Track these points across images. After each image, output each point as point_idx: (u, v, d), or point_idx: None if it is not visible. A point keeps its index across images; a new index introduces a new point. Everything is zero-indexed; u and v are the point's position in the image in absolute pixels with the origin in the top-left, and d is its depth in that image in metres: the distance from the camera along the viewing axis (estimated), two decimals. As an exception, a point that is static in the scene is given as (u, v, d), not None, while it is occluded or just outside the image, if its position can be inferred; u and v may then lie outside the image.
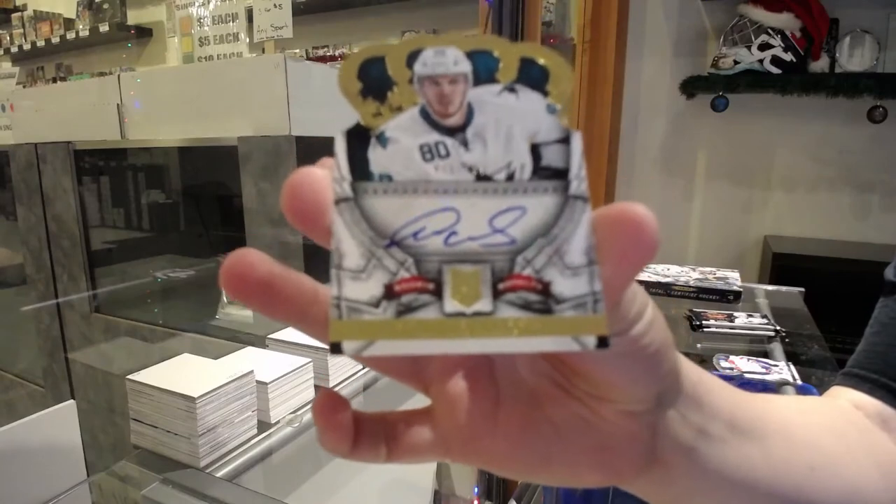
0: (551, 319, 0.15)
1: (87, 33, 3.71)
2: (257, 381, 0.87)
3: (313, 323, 0.17)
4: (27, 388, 2.02)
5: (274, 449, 0.87)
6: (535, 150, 0.16)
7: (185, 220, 2.00)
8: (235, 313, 1.53)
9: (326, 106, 1.36)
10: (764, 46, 1.95)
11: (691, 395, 0.22)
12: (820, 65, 1.93)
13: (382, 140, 0.16)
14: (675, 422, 0.21)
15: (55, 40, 3.91)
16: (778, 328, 1.09)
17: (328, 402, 0.18)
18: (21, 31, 4.12)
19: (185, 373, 0.86)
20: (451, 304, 0.15)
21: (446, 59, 0.16)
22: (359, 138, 0.16)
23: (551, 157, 0.16)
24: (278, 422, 0.90)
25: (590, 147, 2.18)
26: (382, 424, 0.20)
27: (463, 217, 0.16)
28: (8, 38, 4.23)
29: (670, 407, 0.21)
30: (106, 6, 3.68)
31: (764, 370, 0.88)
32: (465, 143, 0.16)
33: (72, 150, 1.72)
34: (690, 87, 2.08)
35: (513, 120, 0.16)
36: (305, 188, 0.16)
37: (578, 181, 0.16)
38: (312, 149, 1.31)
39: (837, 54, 1.93)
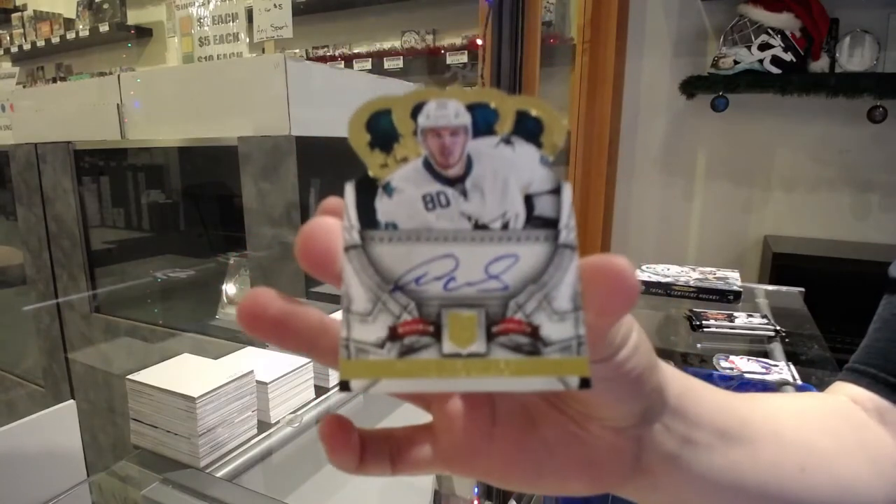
0: (539, 361, 0.16)
1: (87, 33, 3.70)
2: (257, 381, 0.87)
3: (322, 353, 0.18)
4: (27, 388, 2.02)
5: (274, 449, 0.87)
6: (529, 200, 0.17)
7: (185, 220, 2.00)
8: (235, 313, 1.53)
9: (326, 106, 1.36)
10: (764, 46, 1.95)
11: (676, 407, 0.23)
12: (820, 65, 1.93)
13: (388, 190, 0.17)
14: (660, 433, 0.23)
15: (55, 40, 3.91)
16: (778, 328, 1.09)
17: (335, 425, 0.19)
18: (21, 31, 4.12)
19: (184, 373, 0.86)
20: (448, 346, 0.16)
21: (448, 111, 0.17)
22: (367, 188, 0.17)
23: (543, 207, 0.17)
24: (278, 422, 0.90)
25: (590, 147, 2.18)
26: (386, 441, 0.21)
27: (461, 264, 0.17)
28: (8, 38, 4.23)
29: (655, 421, 0.22)
30: (106, 6, 3.67)
31: (764, 370, 0.88)
32: (464, 193, 0.17)
33: (72, 150, 1.72)
34: (690, 87, 2.08)
35: (509, 171, 0.17)
36: (319, 236, 0.17)
37: (567, 231, 0.17)
38: (312, 149, 1.31)
39: (837, 54, 1.93)
